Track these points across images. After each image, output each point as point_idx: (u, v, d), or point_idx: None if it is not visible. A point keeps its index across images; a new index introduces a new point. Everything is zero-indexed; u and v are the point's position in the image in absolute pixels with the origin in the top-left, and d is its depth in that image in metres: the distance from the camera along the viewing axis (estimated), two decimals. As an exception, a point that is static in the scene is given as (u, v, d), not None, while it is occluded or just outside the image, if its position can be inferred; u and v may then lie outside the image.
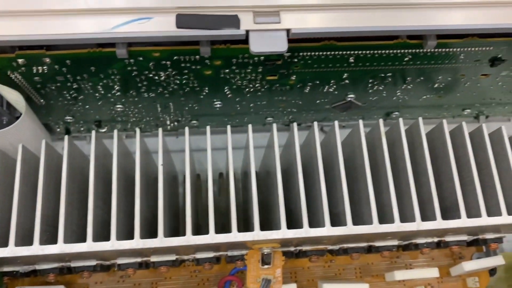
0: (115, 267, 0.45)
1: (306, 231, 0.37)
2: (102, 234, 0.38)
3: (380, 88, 0.50)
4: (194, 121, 0.55)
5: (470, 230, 0.44)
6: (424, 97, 0.54)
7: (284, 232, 0.37)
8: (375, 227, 0.38)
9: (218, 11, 0.34)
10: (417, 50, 0.42)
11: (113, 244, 0.36)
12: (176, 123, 0.56)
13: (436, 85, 0.51)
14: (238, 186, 0.57)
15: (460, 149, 0.42)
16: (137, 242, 0.36)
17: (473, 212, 0.40)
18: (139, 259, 0.44)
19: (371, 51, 0.42)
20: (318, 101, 0.53)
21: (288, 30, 0.35)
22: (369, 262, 0.53)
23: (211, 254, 0.46)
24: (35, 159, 0.40)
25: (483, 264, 0.50)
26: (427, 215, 0.40)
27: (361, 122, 0.43)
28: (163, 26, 0.33)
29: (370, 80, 0.48)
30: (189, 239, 0.36)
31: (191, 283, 0.52)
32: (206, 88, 0.47)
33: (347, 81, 0.48)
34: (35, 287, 0.45)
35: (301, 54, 0.41)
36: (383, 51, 0.42)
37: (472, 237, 0.50)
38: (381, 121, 0.42)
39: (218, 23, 0.34)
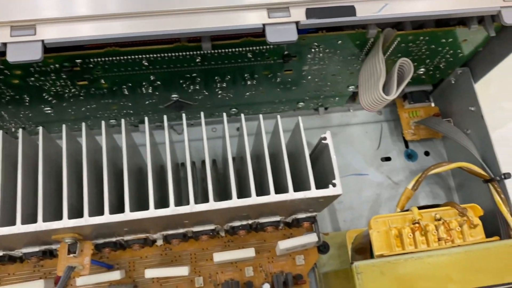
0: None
1: (64, 223, 0.41)
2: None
3: (197, 87, 0.55)
4: (39, 127, 0.59)
5: (259, 210, 0.49)
6: (248, 93, 0.58)
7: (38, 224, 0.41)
8: (151, 212, 0.42)
9: (-22, 28, 0.38)
10: (201, 52, 0.47)
11: None
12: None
13: (248, 83, 0.55)
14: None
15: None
16: None
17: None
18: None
19: (160, 54, 0.47)
20: (147, 102, 0.57)
21: (43, 41, 0.39)
22: (203, 248, 0.58)
23: (37, 249, 0.50)
24: None
25: (297, 242, 0.54)
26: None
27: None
28: None
29: (181, 81, 0.53)
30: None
31: (34, 277, 0.55)
32: (26, 96, 0.51)
33: (158, 82, 0.52)
34: None
35: (91, 60, 0.46)
36: (171, 54, 0.47)
37: (290, 217, 0.55)
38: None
39: (-23, 38, 0.38)
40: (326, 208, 0.64)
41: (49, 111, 0.55)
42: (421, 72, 0.60)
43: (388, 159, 0.68)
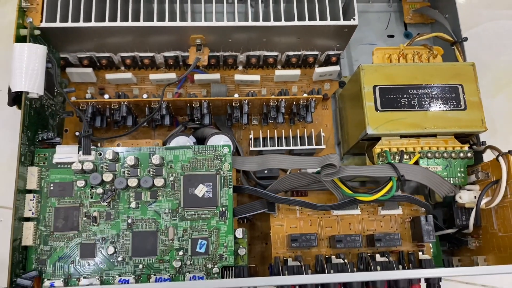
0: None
1: (202, 23, 0.75)
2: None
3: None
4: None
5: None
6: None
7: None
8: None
9: None
10: None
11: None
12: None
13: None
14: None
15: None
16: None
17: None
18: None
19: None
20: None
21: None
22: (267, 74, 0.91)
23: (172, 53, 0.84)
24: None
25: (326, 69, 0.87)
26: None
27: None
28: None
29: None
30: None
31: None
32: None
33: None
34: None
35: None
36: None
37: (324, 55, 0.88)
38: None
39: None
40: (347, 62, 0.96)
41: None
42: (418, -29, 0.91)
43: (391, 36, 0.99)
